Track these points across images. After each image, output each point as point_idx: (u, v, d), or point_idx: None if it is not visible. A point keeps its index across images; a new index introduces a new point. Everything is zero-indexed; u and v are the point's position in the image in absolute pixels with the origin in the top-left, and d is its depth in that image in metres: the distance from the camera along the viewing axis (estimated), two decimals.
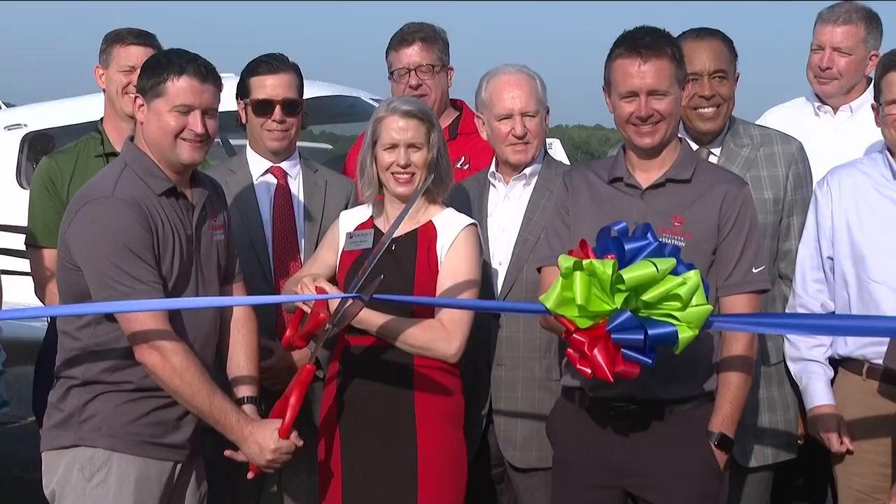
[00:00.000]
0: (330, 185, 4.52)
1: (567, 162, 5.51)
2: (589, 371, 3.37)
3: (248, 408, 3.79)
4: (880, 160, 4.25)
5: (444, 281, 3.92)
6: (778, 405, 4.37)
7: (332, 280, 4.03)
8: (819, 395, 4.23)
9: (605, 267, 3.30)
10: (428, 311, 3.92)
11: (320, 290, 3.78)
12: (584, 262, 3.33)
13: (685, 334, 3.33)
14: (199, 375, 3.58)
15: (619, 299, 3.31)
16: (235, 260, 3.98)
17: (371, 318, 3.84)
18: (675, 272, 3.33)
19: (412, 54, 5.02)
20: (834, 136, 4.90)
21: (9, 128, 8.58)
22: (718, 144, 4.39)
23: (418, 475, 3.87)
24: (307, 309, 3.82)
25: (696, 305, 3.34)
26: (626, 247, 3.36)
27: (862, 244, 4.19)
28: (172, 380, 3.56)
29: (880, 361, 4.02)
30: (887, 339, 3.88)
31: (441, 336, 3.88)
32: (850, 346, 4.18)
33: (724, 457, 3.79)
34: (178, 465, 3.75)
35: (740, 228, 3.78)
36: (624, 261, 3.34)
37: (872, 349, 4.10)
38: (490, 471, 4.36)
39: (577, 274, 3.32)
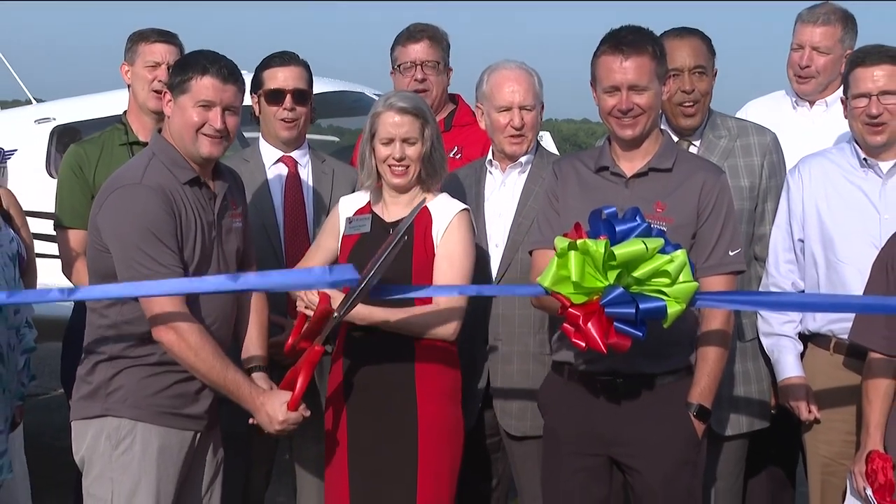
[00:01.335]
0: (337, 174, 4.53)
1: (557, 153, 5.50)
2: (583, 344, 3.39)
3: (257, 375, 3.81)
4: (848, 150, 4.26)
5: (441, 263, 3.92)
6: (752, 378, 4.39)
7: (334, 262, 4.05)
8: (789, 367, 4.26)
9: (598, 245, 3.32)
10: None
11: (323, 296, 3.77)
12: (578, 241, 3.35)
13: (673, 308, 3.36)
14: (213, 352, 3.60)
15: (611, 275, 3.32)
16: (252, 247, 3.99)
17: (371, 315, 3.82)
18: (662, 251, 3.35)
19: (419, 50, 5.02)
20: (810, 128, 4.89)
21: (38, 121, 8.58)
22: (698, 136, 4.39)
23: (418, 447, 3.88)
24: (309, 313, 3.82)
25: (684, 282, 3.36)
26: (617, 228, 3.38)
27: (830, 227, 4.20)
28: (188, 357, 3.58)
29: (846, 336, 4.03)
30: (853, 316, 3.90)
31: (440, 319, 3.88)
32: (819, 322, 4.20)
33: (703, 426, 3.80)
34: (198, 435, 3.76)
35: (718, 214, 3.79)
36: (615, 241, 3.36)
37: (839, 325, 4.11)
38: (486, 440, 4.37)
39: (572, 253, 3.34)
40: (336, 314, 3.68)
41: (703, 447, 3.86)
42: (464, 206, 4.02)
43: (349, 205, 4.14)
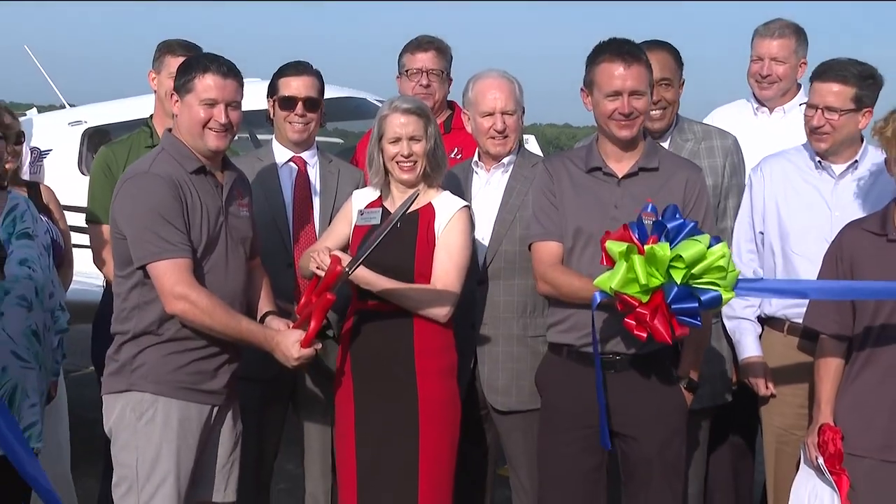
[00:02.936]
0: (342, 174, 4.52)
1: (541, 155, 5.51)
2: (645, 335, 3.43)
3: (270, 318, 3.85)
4: (805, 152, 4.27)
5: (440, 253, 3.92)
6: (715, 358, 4.40)
7: (344, 249, 4.04)
8: (749, 347, 4.28)
9: (664, 249, 3.34)
10: (424, 279, 3.91)
11: (334, 257, 3.77)
12: (646, 247, 3.36)
13: (727, 296, 3.41)
14: (224, 311, 3.60)
15: (676, 275, 3.34)
16: (259, 237, 3.99)
17: (377, 281, 3.84)
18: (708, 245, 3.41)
19: (426, 59, 5.03)
20: (769, 132, 4.91)
21: (72, 124, 8.57)
22: (666, 139, 4.40)
23: (419, 421, 3.87)
24: (320, 273, 3.81)
25: (731, 272, 3.41)
26: (668, 225, 3.41)
27: (787, 222, 4.22)
28: (204, 320, 3.58)
29: (799, 321, 4.04)
30: (806, 302, 3.91)
31: (435, 298, 3.88)
32: (775, 306, 4.23)
33: (692, 397, 3.87)
34: (215, 408, 3.76)
35: (699, 207, 3.82)
36: (668, 238, 3.39)
37: (792, 310, 4.15)
38: (479, 411, 4.34)
39: (636, 257, 3.36)
40: (346, 269, 3.69)
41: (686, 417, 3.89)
42: (465, 203, 4.02)
43: (362, 198, 4.13)
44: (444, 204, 3.98)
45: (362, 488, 3.91)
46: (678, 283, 3.35)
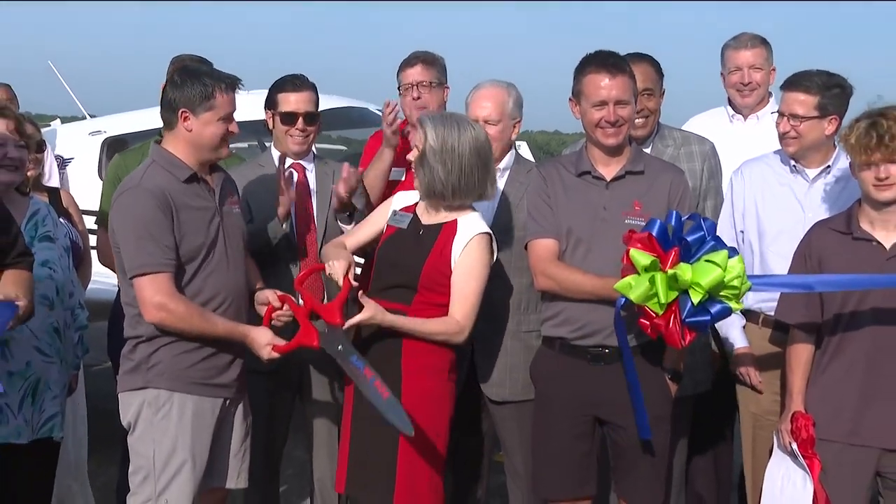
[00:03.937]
0: (337, 174, 4.48)
1: (532, 160, 5.50)
2: (656, 336, 3.53)
3: (259, 292, 3.89)
4: (781, 156, 4.29)
5: (458, 278, 3.78)
6: (697, 348, 4.40)
7: (370, 244, 4.00)
8: (738, 339, 4.32)
9: (685, 273, 3.39)
10: (427, 290, 3.78)
11: (346, 279, 3.70)
12: (669, 271, 3.41)
13: (736, 307, 3.51)
14: (200, 316, 3.61)
15: (694, 296, 3.41)
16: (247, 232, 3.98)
17: (395, 321, 3.71)
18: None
19: (415, 73, 5.00)
20: (744, 138, 4.93)
21: (92, 133, 8.58)
22: (648, 145, 4.42)
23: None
24: (328, 273, 3.77)
25: (743, 286, 3.49)
26: (689, 239, 3.47)
27: (764, 222, 4.23)
28: (182, 326, 3.59)
29: (772, 314, 4.07)
30: (777, 295, 3.94)
31: (456, 330, 3.76)
32: (751, 300, 4.20)
33: (676, 387, 3.88)
34: (227, 401, 3.78)
35: (682, 207, 3.82)
36: (688, 251, 3.45)
37: (766, 304, 4.17)
38: (472, 404, 4.34)
39: (659, 276, 3.41)
40: (343, 328, 3.67)
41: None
42: (486, 229, 3.84)
43: (401, 200, 4.01)
44: (467, 225, 3.82)
45: (350, 482, 3.85)
46: (694, 303, 3.41)
